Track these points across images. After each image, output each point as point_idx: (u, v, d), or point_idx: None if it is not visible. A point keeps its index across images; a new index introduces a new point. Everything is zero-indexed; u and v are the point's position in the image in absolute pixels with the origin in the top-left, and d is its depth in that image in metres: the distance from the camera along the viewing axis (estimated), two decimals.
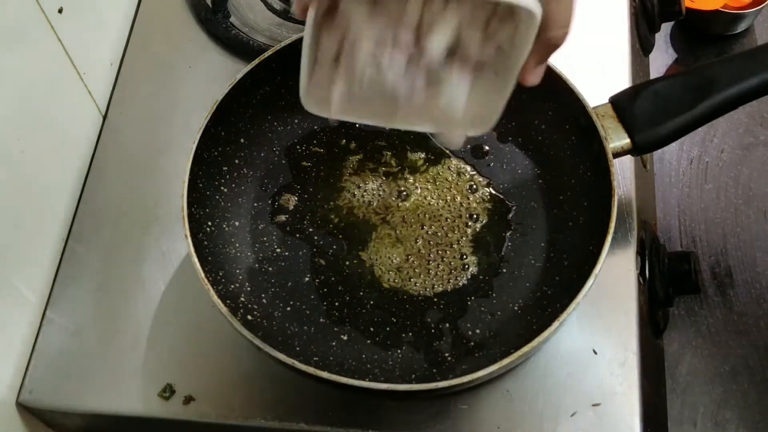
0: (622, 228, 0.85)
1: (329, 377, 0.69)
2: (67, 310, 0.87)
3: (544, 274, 0.80)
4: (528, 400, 0.77)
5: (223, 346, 0.82)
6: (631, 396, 0.77)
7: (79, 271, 0.89)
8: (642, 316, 0.81)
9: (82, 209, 0.93)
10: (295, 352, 0.76)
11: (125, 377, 0.82)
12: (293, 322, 0.79)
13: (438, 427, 0.77)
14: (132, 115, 0.98)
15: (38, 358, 0.84)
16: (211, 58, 1.01)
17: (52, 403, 0.82)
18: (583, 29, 0.99)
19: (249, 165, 0.87)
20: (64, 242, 0.91)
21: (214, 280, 0.75)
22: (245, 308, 0.78)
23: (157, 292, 0.86)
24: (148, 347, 0.83)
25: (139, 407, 0.81)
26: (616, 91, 0.82)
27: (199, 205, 0.80)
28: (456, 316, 0.80)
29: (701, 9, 1.34)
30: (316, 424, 0.78)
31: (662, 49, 1.44)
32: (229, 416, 0.79)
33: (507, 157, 0.88)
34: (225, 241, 0.82)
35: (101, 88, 0.98)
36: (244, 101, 0.85)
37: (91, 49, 0.97)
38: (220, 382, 0.81)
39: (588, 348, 0.79)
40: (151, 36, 1.04)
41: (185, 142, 0.81)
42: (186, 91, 0.99)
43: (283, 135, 0.90)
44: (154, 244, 0.89)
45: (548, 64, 0.81)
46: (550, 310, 0.76)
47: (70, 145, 0.93)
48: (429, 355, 0.77)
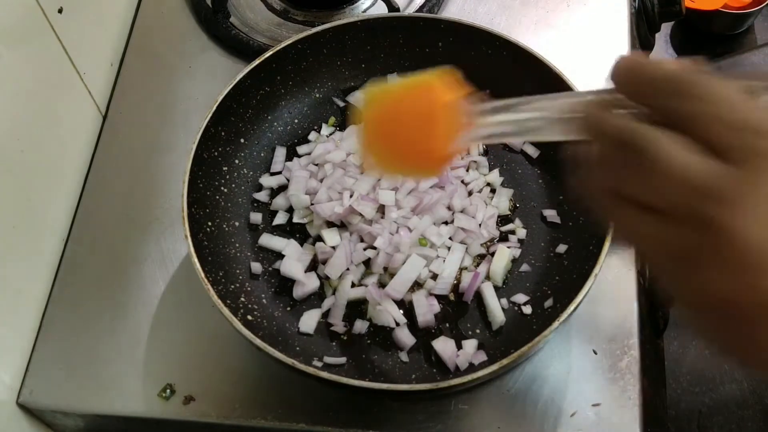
0: None
1: (329, 377, 0.69)
2: (67, 311, 0.87)
3: (544, 274, 0.81)
4: (528, 400, 0.77)
5: (223, 346, 0.82)
6: (631, 396, 0.77)
7: (79, 271, 0.89)
8: (642, 316, 0.81)
9: (82, 209, 0.93)
10: (295, 352, 0.76)
11: (125, 377, 0.82)
12: (293, 322, 0.80)
13: (438, 427, 0.77)
14: (132, 115, 0.98)
15: (38, 358, 0.84)
16: (211, 58, 1.01)
17: (52, 403, 0.82)
18: (583, 29, 1.00)
19: (249, 165, 0.87)
20: (64, 242, 0.91)
21: (214, 280, 0.75)
22: (245, 308, 0.78)
23: (157, 292, 0.86)
24: (148, 347, 0.83)
25: (139, 407, 0.81)
26: None
27: (199, 205, 0.80)
28: (456, 317, 0.80)
29: (701, 9, 1.34)
30: (316, 424, 0.78)
31: (662, 49, 1.44)
32: (229, 416, 0.79)
33: (507, 157, 0.88)
34: (225, 241, 0.82)
35: (101, 88, 0.99)
36: (244, 101, 0.85)
37: (91, 49, 0.97)
38: (220, 382, 0.81)
39: (588, 348, 0.79)
40: (151, 36, 1.04)
41: (185, 142, 0.81)
42: (186, 91, 0.99)
43: (283, 135, 0.90)
44: (154, 244, 0.89)
45: (548, 64, 0.82)
46: (550, 310, 0.76)
47: (70, 145, 0.93)
48: (429, 355, 0.77)
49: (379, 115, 0.60)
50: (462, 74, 0.57)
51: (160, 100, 0.99)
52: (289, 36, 0.88)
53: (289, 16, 1.03)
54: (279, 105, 0.89)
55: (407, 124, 0.58)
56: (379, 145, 0.61)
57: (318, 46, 0.88)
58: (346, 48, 0.89)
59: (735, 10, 1.35)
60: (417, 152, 0.58)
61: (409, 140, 0.58)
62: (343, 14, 1.02)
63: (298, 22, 1.02)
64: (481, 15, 1.01)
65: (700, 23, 1.37)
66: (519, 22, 1.01)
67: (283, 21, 1.03)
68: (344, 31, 0.88)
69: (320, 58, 0.89)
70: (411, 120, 0.58)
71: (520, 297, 0.79)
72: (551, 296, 0.78)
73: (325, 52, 0.89)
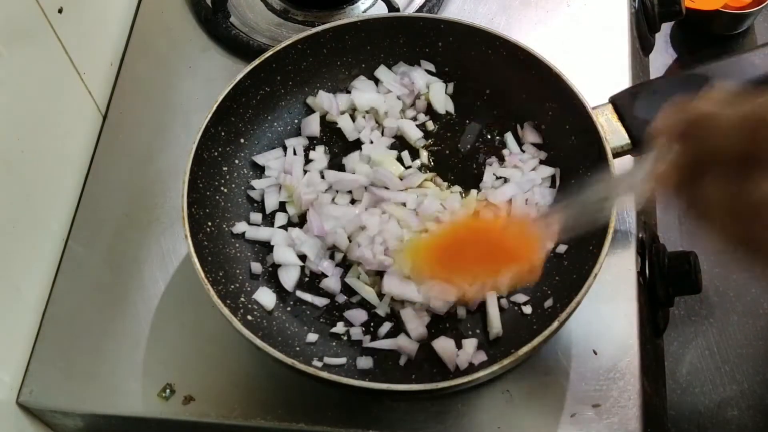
0: (622, 228, 0.85)
1: (329, 377, 0.69)
2: (68, 310, 0.86)
3: (544, 274, 0.80)
4: (528, 400, 0.77)
5: (223, 346, 0.82)
6: (631, 396, 0.76)
7: (79, 271, 0.89)
8: (642, 316, 0.81)
9: (82, 209, 0.93)
10: (295, 352, 0.76)
11: (125, 377, 0.82)
12: (293, 322, 0.79)
13: (438, 427, 0.77)
14: (132, 115, 0.98)
15: (38, 358, 0.84)
16: (211, 58, 1.01)
17: (52, 403, 0.82)
18: (583, 29, 1.00)
19: (249, 165, 0.87)
20: (64, 242, 0.91)
21: (214, 280, 0.75)
22: (245, 308, 0.78)
23: (157, 292, 0.86)
24: (148, 347, 0.83)
25: (139, 407, 0.81)
26: (616, 91, 0.82)
27: (199, 205, 0.80)
28: (456, 317, 0.80)
29: (701, 9, 1.34)
30: (316, 424, 0.78)
31: (662, 49, 1.44)
32: (229, 416, 0.79)
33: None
34: (225, 241, 0.82)
35: (101, 88, 0.98)
36: (244, 101, 0.85)
37: (91, 49, 0.97)
38: (220, 382, 0.81)
39: (588, 348, 0.79)
40: (151, 36, 1.04)
41: (185, 142, 0.81)
42: (186, 91, 0.99)
43: (283, 135, 0.90)
44: (154, 244, 0.89)
45: (548, 64, 0.82)
46: (550, 310, 0.76)
47: (70, 145, 0.93)
48: (429, 355, 0.77)
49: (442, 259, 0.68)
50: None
51: (160, 100, 0.99)
52: (289, 36, 0.88)
53: (289, 16, 1.03)
54: (279, 105, 0.89)
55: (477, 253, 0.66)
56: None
57: (318, 46, 0.88)
58: (346, 48, 0.89)
59: (735, 10, 1.35)
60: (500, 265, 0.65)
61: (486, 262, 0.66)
62: (343, 14, 1.02)
63: (298, 22, 1.02)
64: (481, 15, 1.01)
65: (700, 23, 1.37)
66: (519, 22, 1.01)
67: (283, 21, 1.03)
68: (344, 31, 0.88)
69: (320, 58, 0.89)
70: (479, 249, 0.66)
71: (520, 297, 0.79)
72: (551, 296, 0.77)
73: (325, 52, 0.89)
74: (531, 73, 0.83)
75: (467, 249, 0.68)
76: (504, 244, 0.66)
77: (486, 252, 0.67)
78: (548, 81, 0.82)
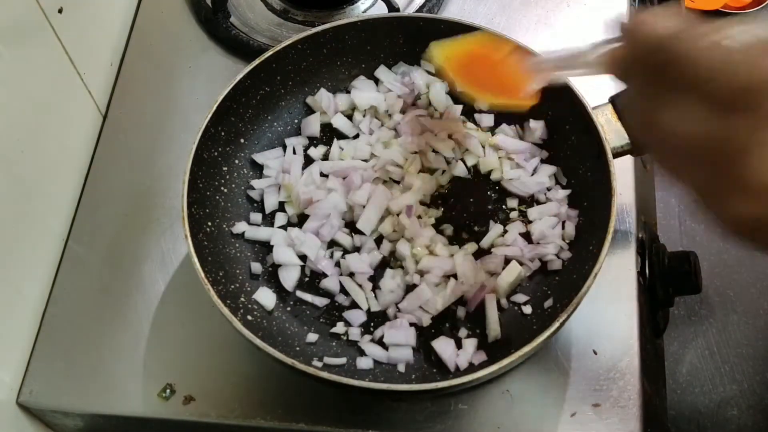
0: (622, 228, 0.85)
1: (329, 377, 0.69)
2: (67, 310, 0.87)
3: (544, 274, 0.80)
4: (528, 400, 0.77)
5: (223, 346, 0.82)
6: (631, 396, 0.76)
7: (79, 271, 0.89)
8: (642, 316, 0.81)
9: (82, 209, 0.93)
10: (295, 352, 0.76)
11: (125, 377, 0.82)
12: (293, 322, 0.79)
13: (438, 427, 0.77)
14: (132, 115, 0.98)
15: (38, 358, 0.84)
16: (211, 58, 1.01)
17: (52, 403, 0.82)
18: (582, 29, 1.00)
19: (249, 165, 0.87)
20: (64, 242, 0.91)
21: (214, 280, 0.75)
22: (245, 308, 0.78)
23: (157, 292, 0.86)
24: (148, 347, 0.83)
25: (139, 407, 0.81)
26: (616, 91, 0.82)
27: (199, 205, 0.80)
28: (456, 317, 0.80)
29: (701, 9, 1.34)
30: (316, 424, 0.78)
31: None
32: (229, 416, 0.79)
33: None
34: (225, 241, 0.82)
35: (101, 88, 0.99)
36: (244, 101, 0.85)
37: (91, 49, 0.97)
38: (220, 382, 0.81)
39: (588, 348, 0.79)
40: (151, 36, 1.04)
41: (185, 142, 0.81)
42: (186, 91, 0.99)
43: (283, 135, 0.90)
44: (154, 244, 0.89)
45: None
46: (550, 310, 0.76)
47: (70, 145, 0.93)
48: (429, 355, 0.77)
49: (461, 65, 0.81)
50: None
51: (160, 100, 0.99)
52: (289, 36, 0.88)
53: (289, 16, 1.03)
54: (279, 105, 0.89)
55: (487, 70, 0.79)
56: (469, 84, 0.81)
57: (318, 46, 0.88)
58: (346, 48, 0.89)
59: (735, 11, 1.35)
60: (501, 89, 0.78)
61: (492, 81, 0.79)
62: (343, 14, 1.02)
63: (298, 22, 1.02)
64: (481, 15, 1.01)
65: None
66: (519, 22, 1.01)
67: (283, 21, 1.03)
68: (344, 31, 0.88)
69: (320, 58, 0.89)
70: (489, 67, 0.79)
71: (519, 297, 0.79)
72: (551, 296, 0.78)
73: (325, 52, 0.89)
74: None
75: (484, 64, 0.80)
76: (507, 72, 0.78)
77: (494, 73, 0.79)
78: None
